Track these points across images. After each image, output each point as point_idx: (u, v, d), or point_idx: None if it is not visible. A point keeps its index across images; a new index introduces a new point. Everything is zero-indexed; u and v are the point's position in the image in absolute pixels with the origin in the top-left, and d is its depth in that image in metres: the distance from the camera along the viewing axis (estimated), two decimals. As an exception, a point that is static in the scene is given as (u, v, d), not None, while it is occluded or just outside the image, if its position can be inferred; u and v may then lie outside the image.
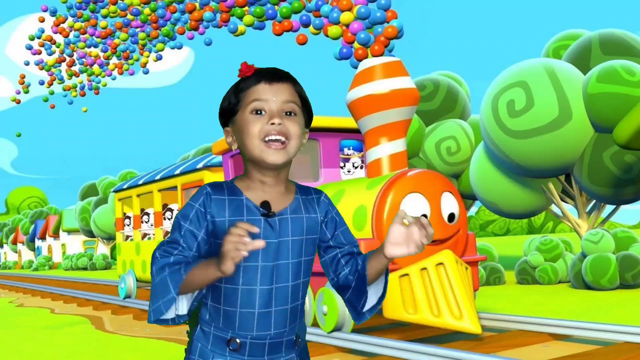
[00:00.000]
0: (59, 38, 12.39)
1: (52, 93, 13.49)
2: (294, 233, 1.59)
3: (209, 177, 9.40)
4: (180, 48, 10.94)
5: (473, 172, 14.08)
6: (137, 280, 11.83)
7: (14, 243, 53.70)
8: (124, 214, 12.80)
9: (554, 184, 13.39)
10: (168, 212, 11.31)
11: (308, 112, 1.65)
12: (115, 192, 12.96)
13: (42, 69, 12.99)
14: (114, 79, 12.87)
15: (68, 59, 12.63)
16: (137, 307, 11.01)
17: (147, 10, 10.06)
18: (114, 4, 10.41)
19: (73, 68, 12.87)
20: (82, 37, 11.79)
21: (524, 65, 12.23)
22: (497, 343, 5.85)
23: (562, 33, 14.55)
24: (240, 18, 8.42)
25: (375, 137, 6.57)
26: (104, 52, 11.98)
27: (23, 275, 31.99)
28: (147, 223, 11.98)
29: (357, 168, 8.23)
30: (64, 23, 11.80)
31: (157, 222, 11.03)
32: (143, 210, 12.05)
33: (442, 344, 5.79)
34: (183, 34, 10.10)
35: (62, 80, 13.16)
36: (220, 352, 1.57)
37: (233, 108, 1.60)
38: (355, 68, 6.78)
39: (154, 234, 11.23)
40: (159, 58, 11.72)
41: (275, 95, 1.56)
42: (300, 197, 1.65)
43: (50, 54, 12.66)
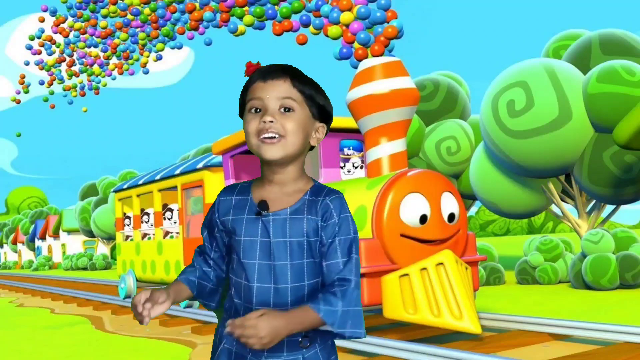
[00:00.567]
0: (59, 38, 12.40)
1: (52, 93, 13.49)
2: (292, 234, 1.58)
3: (209, 177, 9.39)
4: (180, 48, 10.94)
5: (473, 172, 14.08)
6: (137, 280, 11.83)
7: (14, 243, 53.71)
8: (124, 214, 12.80)
9: (554, 184, 13.39)
10: (168, 212, 11.31)
11: (317, 105, 1.63)
12: (115, 192, 12.96)
13: (42, 69, 12.99)
14: (114, 79, 12.87)
15: (68, 59, 12.64)
16: (137, 307, 11.00)
17: (147, 10, 10.06)
18: (114, 4, 10.41)
19: (73, 68, 12.87)
20: (82, 37, 11.79)
21: (524, 65, 12.24)
22: (497, 343, 5.85)
23: (562, 33, 14.55)
24: (240, 18, 8.42)
25: (375, 137, 6.56)
26: (104, 52, 11.98)
27: (23, 275, 31.99)
28: (147, 223, 11.98)
29: (357, 168, 8.23)
30: (64, 23, 11.80)
31: (157, 222, 11.03)
32: (143, 210, 12.05)
33: (442, 344, 5.79)
34: (183, 34, 10.10)
35: (62, 80, 13.16)
36: (230, 339, 1.63)
37: (241, 108, 1.64)
38: (355, 68, 6.78)
39: (154, 234, 11.23)
40: (159, 58, 11.73)
41: (269, 93, 1.57)
42: (308, 198, 1.62)
43: (50, 54, 12.66)
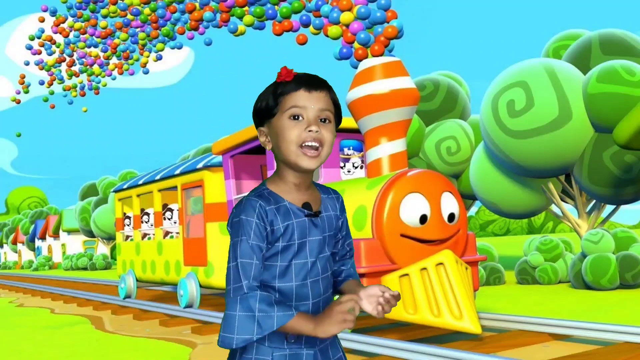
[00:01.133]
0: (59, 38, 12.40)
1: (52, 93, 13.49)
2: (329, 229, 1.75)
3: (209, 177, 9.39)
4: (180, 48, 10.94)
5: (473, 172, 14.08)
6: (137, 280, 11.83)
7: (14, 243, 53.72)
8: (124, 214, 12.80)
9: (554, 184, 13.39)
10: (168, 212, 11.31)
11: (339, 117, 1.73)
12: (115, 192, 12.96)
13: (42, 69, 12.99)
14: (114, 79, 12.87)
15: (68, 59, 12.64)
16: (137, 307, 11.01)
17: (147, 10, 10.06)
18: (114, 4, 10.41)
19: (73, 68, 12.87)
20: (82, 37, 11.79)
21: (524, 65, 12.23)
22: (497, 343, 5.85)
23: (562, 33, 14.55)
24: (240, 18, 8.42)
25: (375, 137, 6.57)
26: (104, 52, 11.98)
27: (23, 275, 31.99)
28: (147, 223, 11.98)
29: (357, 168, 8.23)
30: (64, 23, 11.80)
31: (157, 222, 11.03)
32: (143, 210, 12.05)
33: (442, 344, 5.79)
34: (183, 34, 10.10)
35: (62, 80, 13.16)
36: (279, 345, 1.63)
37: (271, 110, 1.66)
38: (355, 68, 6.78)
39: (154, 234, 11.23)
40: (159, 58, 11.73)
41: (314, 103, 1.64)
42: (323, 195, 1.78)
43: (50, 54, 12.66)
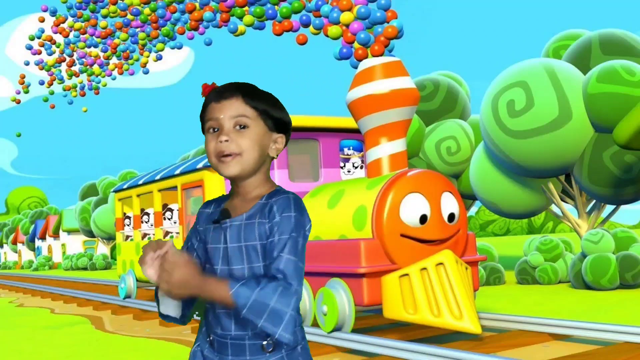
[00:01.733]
0: (59, 38, 12.39)
1: (52, 93, 13.49)
2: (247, 239, 1.62)
3: (209, 177, 9.39)
4: (180, 48, 10.94)
5: (473, 172, 14.08)
6: (137, 280, 11.83)
7: (14, 243, 53.71)
8: (124, 214, 12.80)
9: (554, 184, 13.39)
10: (168, 212, 11.31)
11: (272, 117, 1.67)
12: (115, 192, 12.96)
13: (42, 69, 12.99)
14: (114, 79, 12.87)
15: (68, 59, 12.64)
16: (137, 307, 11.01)
17: (147, 10, 10.05)
18: (114, 4, 10.41)
19: (73, 68, 12.87)
20: (82, 37, 11.79)
21: (524, 65, 12.23)
22: (497, 343, 5.85)
23: (562, 33, 14.55)
24: (240, 18, 8.42)
25: (375, 137, 6.57)
26: (104, 52, 11.98)
27: (23, 275, 31.99)
28: (147, 223, 11.98)
29: (357, 168, 8.23)
30: (64, 23, 11.79)
31: (157, 222, 11.02)
32: (143, 210, 12.05)
33: (442, 344, 5.79)
34: (183, 34, 10.10)
35: (62, 80, 13.16)
36: (203, 344, 1.71)
37: (202, 128, 1.72)
38: (355, 68, 6.78)
39: (154, 234, 11.23)
40: (159, 58, 11.72)
41: (223, 113, 1.64)
42: (262, 202, 1.65)
43: (50, 54, 12.66)
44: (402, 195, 5.97)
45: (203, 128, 1.71)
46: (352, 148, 8.19)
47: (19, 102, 13.89)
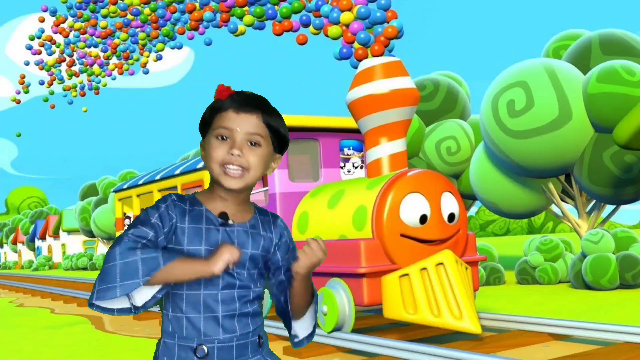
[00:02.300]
0: (59, 38, 12.39)
1: (52, 93, 13.49)
2: (252, 246, 1.67)
3: (209, 177, 9.39)
4: (180, 48, 10.94)
5: (473, 172, 14.08)
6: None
7: (14, 243, 53.71)
8: (124, 214, 12.79)
9: (554, 184, 13.39)
10: (168, 212, 11.31)
11: (279, 138, 1.69)
12: (115, 192, 12.96)
13: (42, 69, 12.99)
14: (114, 79, 12.87)
15: (68, 59, 12.63)
16: (137, 307, 11.01)
17: (147, 10, 10.05)
18: (114, 4, 10.41)
19: (73, 68, 12.86)
20: (82, 37, 11.79)
21: (524, 65, 12.23)
22: (497, 343, 5.85)
23: (562, 33, 14.55)
24: (240, 18, 8.42)
25: (375, 137, 6.56)
26: (104, 52, 11.97)
27: (23, 275, 31.99)
28: (147, 223, 11.98)
29: (357, 168, 8.23)
30: (64, 23, 11.79)
31: (157, 222, 11.02)
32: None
33: (442, 344, 5.79)
34: (183, 34, 10.10)
35: (62, 80, 13.16)
36: (188, 355, 1.58)
37: (206, 126, 1.67)
38: (355, 68, 6.78)
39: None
40: (159, 58, 11.72)
41: (241, 126, 1.62)
42: (259, 216, 1.73)
43: (50, 54, 12.66)
44: (402, 195, 5.97)
45: (206, 130, 1.67)
46: (352, 148, 8.19)
47: (19, 102, 13.89)
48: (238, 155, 1.61)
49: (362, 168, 8.17)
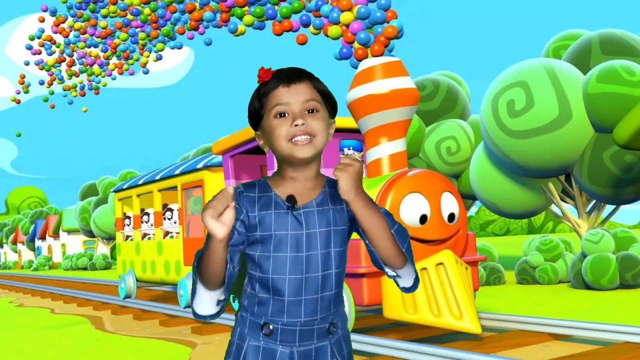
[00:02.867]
0: (59, 38, 12.40)
1: (52, 93, 13.49)
2: (321, 225, 1.66)
3: (209, 177, 9.39)
4: (180, 48, 10.94)
5: (473, 172, 14.08)
6: (137, 280, 11.83)
7: (14, 243, 53.72)
8: (124, 214, 12.80)
9: (554, 184, 13.39)
10: (168, 212, 11.31)
11: (331, 103, 1.72)
12: (115, 192, 12.96)
13: (42, 69, 12.99)
14: (114, 79, 12.87)
15: (68, 59, 12.64)
16: (137, 307, 11.01)
17: (147, 10, 10.06)
18: (114, 4, 10.41)
19: (73, 68, 12.87)
20: (82, 37, 11.79)
21: (524, 65, 12.24)
22: (497, 343, 5.85)
23: (562, 33, 14.55)
24: (240, 18, 8.42)
25: (375, 137, 6.57)
26: (104, 52, 11.98)
27: (23, 275, 32.00)
28: (147, 223, 11.98)
29: (357, 168, 8.22)
30: (64, 23, 11.80)
31: (157, 222, 11.03)
32: (143, 210, 12.05)
33: (442, 344, 5.79)
34: (183, 34, 10.10)
35: (62, 80, 13.16)
36: (255, 336, 1.66)
37: (258, 113, 1.69)
38: (355, 68, 6.78)
39: (154, 234, 11.23)
40: (159, 58, 11.73)
41: (295, 97, 1.64)
42: (328, 190, 1.72)
43: (50, 54, 12.66)
44: (402, 195, 5.97)
45: (258, 119, 1.69)
46: (352, 148, 8.17)
47: (19, 102, 13.89)
48: (303, 125, 1.63)
49: (362, 168, 8.17)
